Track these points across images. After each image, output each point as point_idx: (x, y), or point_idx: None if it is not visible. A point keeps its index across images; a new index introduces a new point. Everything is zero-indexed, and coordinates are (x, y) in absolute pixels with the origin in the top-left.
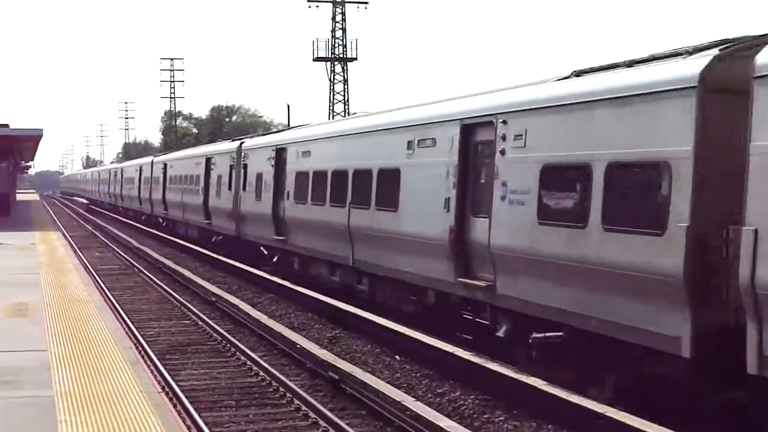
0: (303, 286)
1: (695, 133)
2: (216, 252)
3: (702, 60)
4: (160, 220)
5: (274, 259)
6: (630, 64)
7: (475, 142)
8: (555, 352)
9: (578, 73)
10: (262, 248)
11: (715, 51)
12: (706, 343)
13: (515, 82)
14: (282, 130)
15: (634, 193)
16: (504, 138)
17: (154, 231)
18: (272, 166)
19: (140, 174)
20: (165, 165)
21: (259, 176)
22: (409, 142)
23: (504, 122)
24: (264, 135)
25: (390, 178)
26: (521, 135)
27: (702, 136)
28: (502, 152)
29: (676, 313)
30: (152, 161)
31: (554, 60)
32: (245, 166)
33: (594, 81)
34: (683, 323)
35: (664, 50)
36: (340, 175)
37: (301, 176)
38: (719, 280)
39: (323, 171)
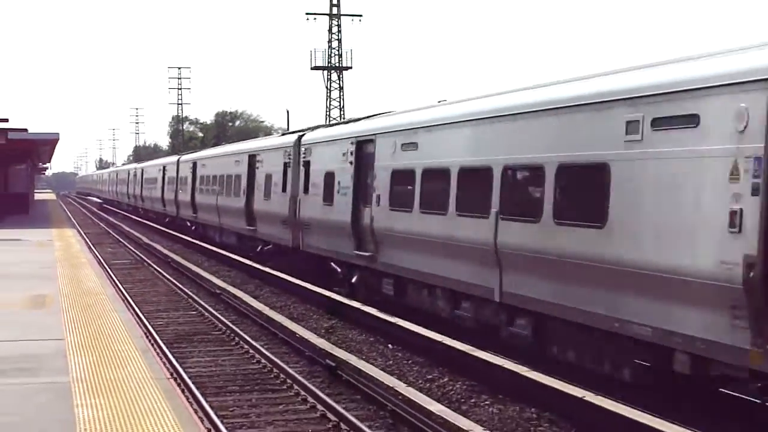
0: (301, 279)
1: None
2: (264, 264)
3: None
4: (188, 224)
5: (353, 280)
6: None
7: None
8: None
9: None
10: (333, 264)
11: None
12: None
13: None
14: (359, 119)
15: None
16: None
17: (162, 228)
18: (350, 163)
19: (164, 174)
20: (194, 164)
21: (330, 175)
22: (632, 123)
23: None
24: (331, 126)
25: (585, 177)
26: None
27: None
28: None
29: None
30: (178, 160)
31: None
32: (307, 164)
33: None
34: None
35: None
36: (476, 173)
37: (401, 175)
38: None
39: (442, 168)
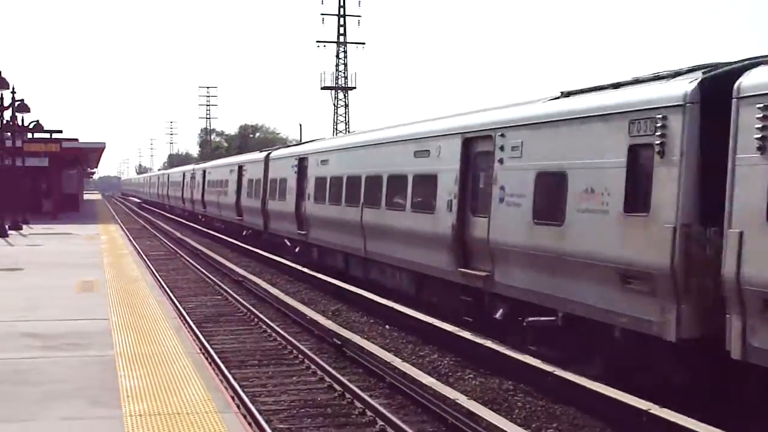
0: (312, 270)
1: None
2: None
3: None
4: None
5: (296, 249)
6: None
7: None
8: None
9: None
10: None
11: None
12: None
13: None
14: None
15: None
16: None
17: (192, 224)
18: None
19: (240, 176)
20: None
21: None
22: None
23: None
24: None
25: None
26: None
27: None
28: None
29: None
30: (268, 156)
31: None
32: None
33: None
34: None
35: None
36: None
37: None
38: None
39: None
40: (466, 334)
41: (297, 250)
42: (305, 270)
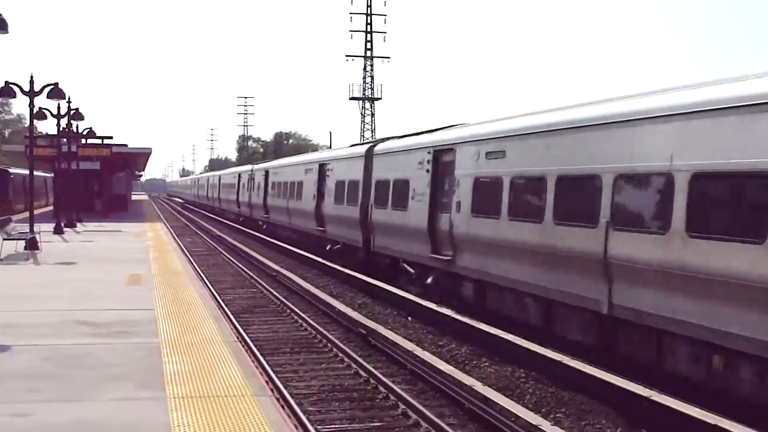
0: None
1: None
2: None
3: None
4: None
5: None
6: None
7: None
8: None
9: None
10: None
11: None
12: None
13: None
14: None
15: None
16: None
17: (230, 223)
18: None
19: (321, 176)
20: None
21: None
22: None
23: None
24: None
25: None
26: None
27: None
28: None
29: None
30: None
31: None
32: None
33: None
34: None
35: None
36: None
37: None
38: None
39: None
40: (483, 326)
41: (429, 280)
42: (332, 265)
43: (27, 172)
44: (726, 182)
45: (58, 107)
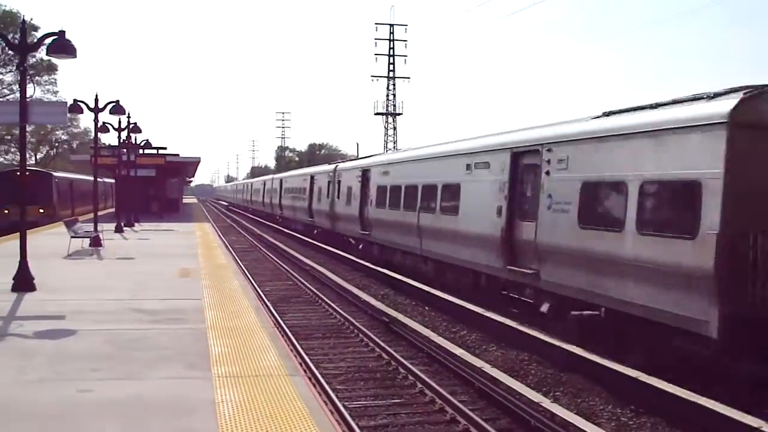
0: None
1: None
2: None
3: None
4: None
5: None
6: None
7: None
8: None
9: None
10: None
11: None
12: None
13: None
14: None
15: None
16: None
17: (269, 223)
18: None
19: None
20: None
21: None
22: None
23: None
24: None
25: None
26: None
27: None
28: None
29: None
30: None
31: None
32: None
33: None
34: None
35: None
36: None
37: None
38: None
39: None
40: (491, 314)
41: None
42: (360, 261)
43: (73, 176)
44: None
45: (119, 121)
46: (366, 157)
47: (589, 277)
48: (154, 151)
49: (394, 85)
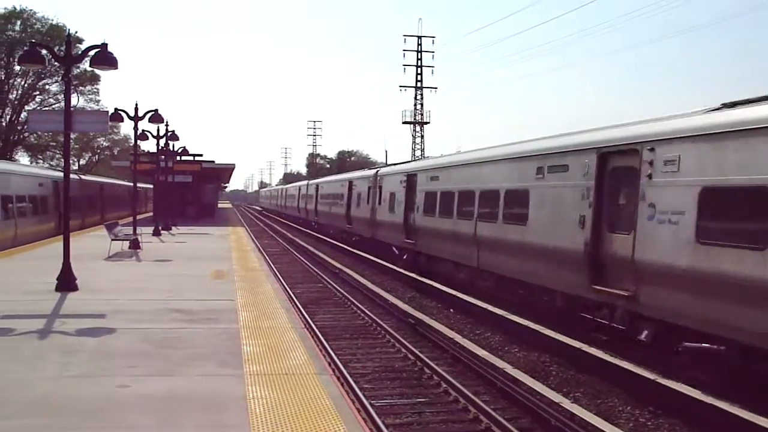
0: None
1: None
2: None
3: None
4: None
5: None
6: None
7: None
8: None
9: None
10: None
11: None
12: None
13: None
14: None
15: None
16: None
17: (300, 228)
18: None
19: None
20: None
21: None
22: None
23: None
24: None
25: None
26: None
27: None
28: None
29: None
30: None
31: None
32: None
33: None
34: None
35: None
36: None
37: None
38: None
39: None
40: (513, 317)
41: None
42: (388, 264)
43: (104, 180)
44: None
45: (158, 129)
46: (409, 161)
47: (710, 304)
48: (191, 158)
49: (421, 94)
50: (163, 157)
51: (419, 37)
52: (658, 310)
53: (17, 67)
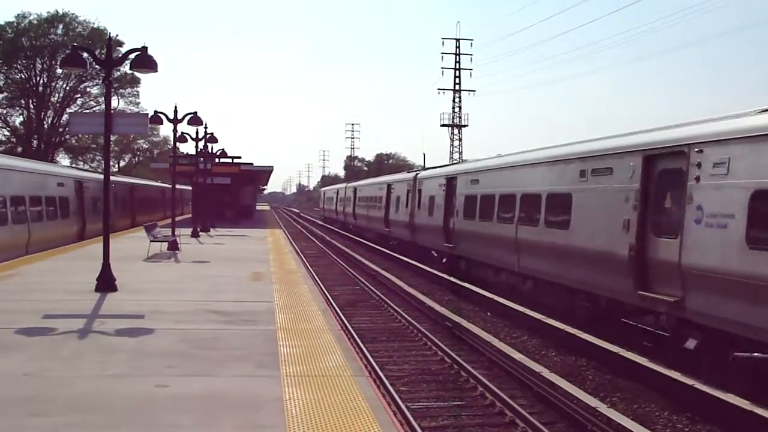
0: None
1: None
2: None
3: None
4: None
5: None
6: None
7: None
8: None
9: None
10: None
11: None
12: None
13: None
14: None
15: None
16: None
17: (338, 230)
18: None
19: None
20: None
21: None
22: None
23: None
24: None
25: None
26: None
27: None
28: None
29: None
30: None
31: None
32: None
33: None
34: None
35: None
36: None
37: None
38: None
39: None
40: (550, 321)
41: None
42: (424, 267)
43: (134, 181)
44: None
45: (197, 132)
46: (448, 164)
47: (762, 310)
48: (230, 160)
49: (459, 97)
50: (201, 159)
51: (457, 40)
52: (706, 317)
53: (59, 70)
